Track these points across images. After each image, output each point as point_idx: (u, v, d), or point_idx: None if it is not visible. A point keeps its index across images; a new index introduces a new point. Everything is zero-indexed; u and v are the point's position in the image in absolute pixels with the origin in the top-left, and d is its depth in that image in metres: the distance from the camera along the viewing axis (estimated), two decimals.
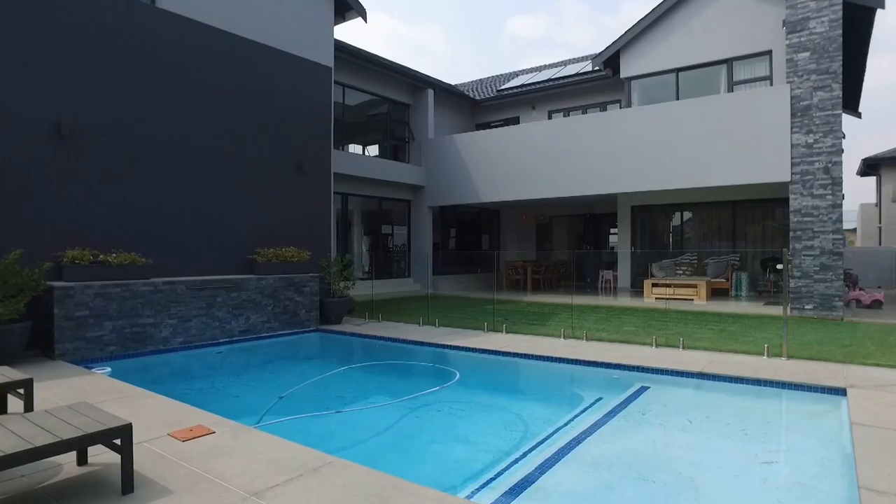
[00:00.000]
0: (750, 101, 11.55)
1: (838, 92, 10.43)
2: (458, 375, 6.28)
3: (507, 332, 8.56)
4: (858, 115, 17.36)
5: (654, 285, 13.15)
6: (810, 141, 10.66)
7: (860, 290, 13.18)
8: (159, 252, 7.92)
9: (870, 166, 24.45)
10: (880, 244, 23.00)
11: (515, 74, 20.49)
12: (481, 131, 15.61)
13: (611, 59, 14.79)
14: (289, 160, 9.92)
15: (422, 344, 7.94)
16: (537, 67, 20.34)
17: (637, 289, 14.79)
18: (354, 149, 16.89)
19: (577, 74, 16.79)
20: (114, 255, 7.25)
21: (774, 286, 13.43)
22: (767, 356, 6.40)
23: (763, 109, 11.20)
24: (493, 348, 7.21)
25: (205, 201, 8.69)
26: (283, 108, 9.86)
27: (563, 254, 20.39)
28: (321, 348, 8.86)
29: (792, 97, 10.80)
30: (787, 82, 10.88)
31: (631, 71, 14.42)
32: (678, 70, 13.82)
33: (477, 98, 18.92)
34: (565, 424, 4.61)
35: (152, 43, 8.10)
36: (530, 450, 4.00)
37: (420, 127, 16.79)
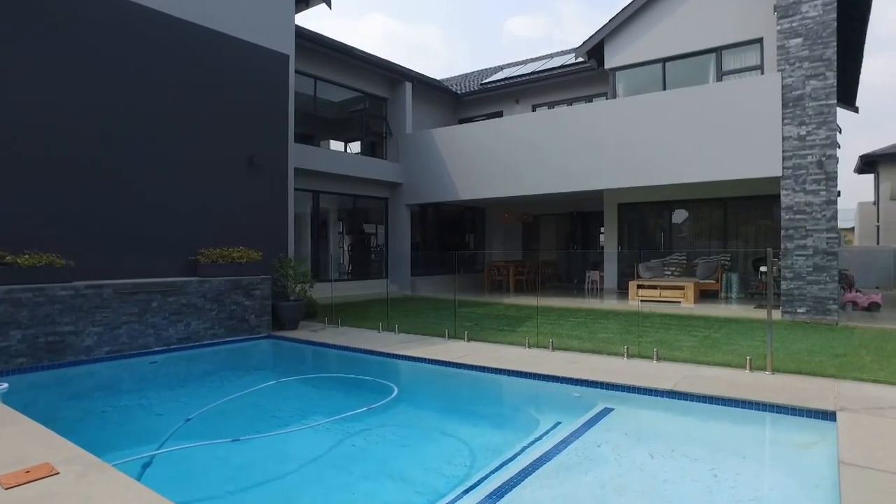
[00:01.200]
0: (738, 91, 10.84)
1: (832, 80, 9.72)
2: (395, 391, 5.55)
3: (470, 339, 7.84)
4: (855, 110, 16.67)
5: (639, 287, 12.44)
6: (803, 133, 9.95)
7: (857, 291, 12.47)
8: (85, 253, 7.19)
9: (867, 163, 23.76)
10: (878, 243, 22.31)
11: (500, 68, 19.78)
12: (459, 126, 14.92)
13: (595, 50, 14.07)
14: (240, 154, 9.19)
15: (371, 353, 7.22)
16: (523, 61, 19.62)
17: (624, 290, 14.08)
18: (336, 146, 16.18)
19: (561, 67, 16.07)
20: (26, 256, 6.52)
21: (767, 288, 12.74)
22: (750, 370, 5.69)
23: (752, 100, 10.50)
24: (447, 359, 6.50)
25: (141, 198, 7.97)
26: (233, 99, 9.14)
27: (550, 254, 19.70)
28: (265, 357, 8.14)
29: (783, 86, 10.09)
30: (779, 70, 10.17)
31: (615, 61, 13.70)
32: (665, 60, 13.11)
33: (459, 92, 18.19)
34: (513, 457, 3.89)
35: (78, 23, 7.37)
36: (465, 492, 3.28)
37: (398, 122, 16.07)
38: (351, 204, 15.43)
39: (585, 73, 15.25)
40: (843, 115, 17.89)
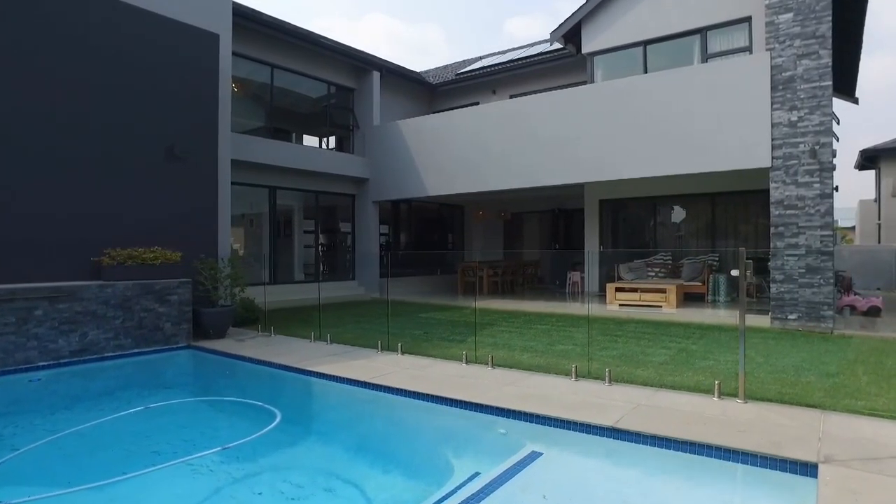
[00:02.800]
0: (722, 74, 9.78)
1: (827, 59, 8.67)
2: (277, 420, 4.52)
3: (406, 352, 6.80)
4: (855, 101, 15.56)
5: (618, 290, 11.40)
6: (794, 119, 8.90)
7: (855, 294, 11.41)
8: None
9: (868, 159, 22.66)
10: (879, 242, 21.21)
11: (480, 59, 18.74)
12: (427, 116, 13.89)
13: (572, 34, 13.02)
14: (156, 144, 8.16)
15: (284, 368, 6.17)
16: (503, 51, 18.58)
17: (604, 293, 13.04)
18: (311, 141, 15.18)
19: (539, 54, 15.03)
20: None
21: (759, 290, 11.69)
22: (718, 396, 4.65)
23: (738, 83, 9.45)
24: (360, 378, 5.45)
25: (28, 190, 6.95)
26: (149, 82, 8.11)
27: (533, 254, 18.66)
28: (173, 372, 7.12)
29: (773, 67, 9.04)
30: (767, 49, 9.12)
31: (593, 45, 12.64)
32: (646, 43, 12.05)
33: (434, 83, 17.16)
34: None
35: None
36: None
37: (366, 114, 15.04)
38: (315, 201, 14.40)
39: (564, 61, 14.20)
40: (842, 107, 16.83)
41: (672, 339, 7.90)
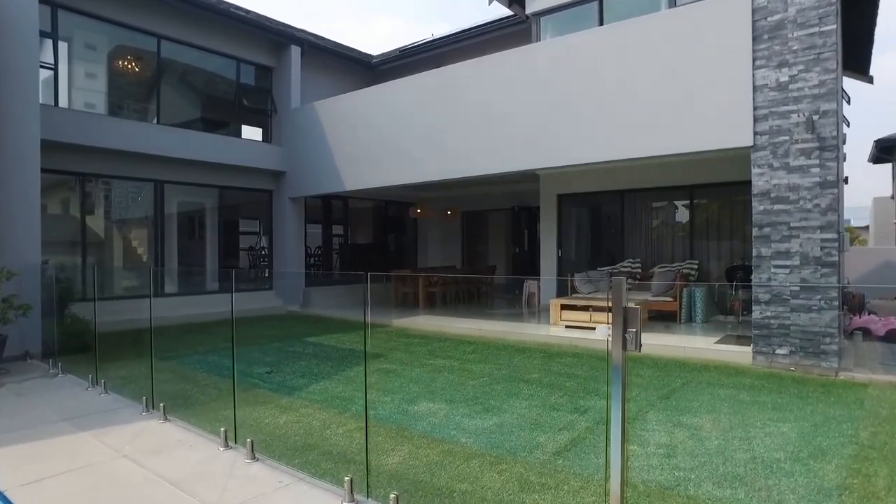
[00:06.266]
0: (686, 23, 7.35)
1: None
2: None
3: (173, 414, 4.47)
4: (869, 80, 13.03)
5: (563, 308, 8.99)
6: (784, 79, 6.48)
7: (869, 314, 8.97)
8: None
9: (884, 150, 19.99)
10: None
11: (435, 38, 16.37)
12: (343, 95, 11.57)
13: None
14: None
15: None
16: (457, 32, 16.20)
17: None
18: (241, 130, 12.92)
19: (488, 23, 12.68)
20: None
21: (744, 306, 9.24)
22: None
23: (708, 34, 7.04)
24: None
25: None
26: None
27: (497, 258, 16.29)
28: None
29: (754, 9, 6.64)
30: None
31: (538, 4, 10.26)
32: None
33: (373, 61, 14.84)
34: None
35: None
36: None
37: (286, 96, 12.76)
38: (219, 199, 12.13)
39: (512, 29, 11.81)
40: (854, 87, 14.17)
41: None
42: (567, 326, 8.83)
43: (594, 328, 8.34)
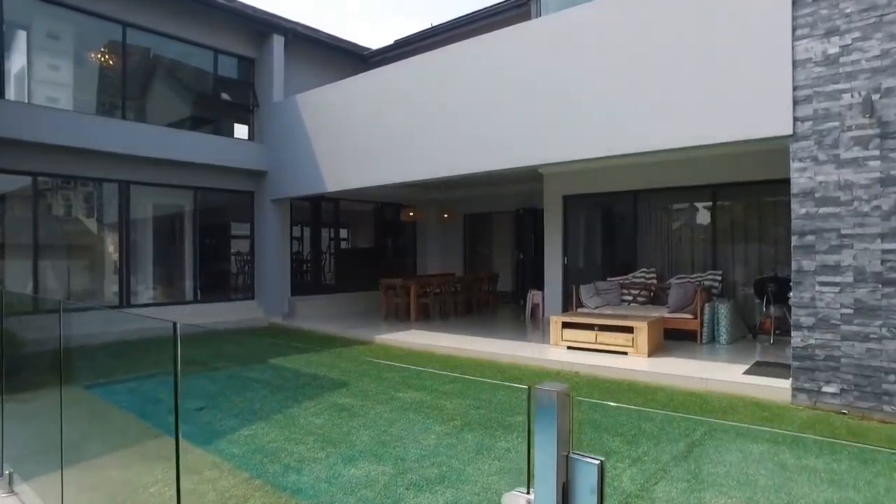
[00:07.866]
0: None
1: None
2: None
3: (44, 476, 3.47)
4: None
5: (565, 326, 7.79)
6: (833, 50, 5.23)
7: None
8: None
9: None
10: None
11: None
12: (326, 86, 10.52)
13: None
14: None
15: None
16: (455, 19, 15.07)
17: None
18: (225, 127, 12.03)
19: (484, 8, 11.53)
20: None
21: (778, 324, 7.94)
22: None
23: (739, 2, 5.82)
24: None
25: None
26: None
27: (502, 264, 15.11)
28: None
29: None
30: None
31: None
32: None
33: (366, 53, 13.80)
34: None
35: None
36: None
37: (268, 90, 11.80)
38: (195, 201, 11.19)
39: (513, 12, 10.65)
40: None
41: (610, 436, 4.36)
42: (570, 348, 7.64)
43: (626, 353, 7.14)
